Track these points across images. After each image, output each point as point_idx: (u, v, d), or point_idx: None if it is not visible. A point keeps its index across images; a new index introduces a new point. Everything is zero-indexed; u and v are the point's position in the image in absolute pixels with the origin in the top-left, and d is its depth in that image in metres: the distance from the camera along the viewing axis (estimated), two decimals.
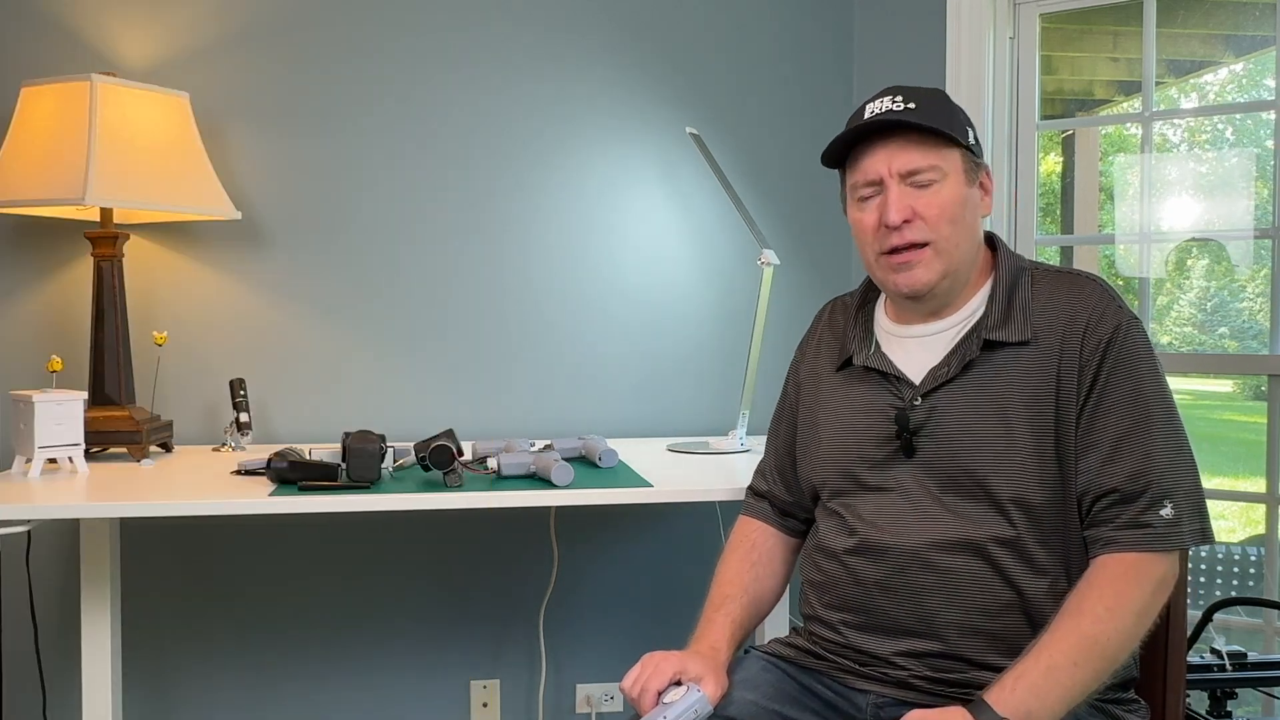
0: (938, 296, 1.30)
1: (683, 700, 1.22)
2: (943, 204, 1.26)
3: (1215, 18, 3.26)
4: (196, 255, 2.24)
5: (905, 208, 1.26)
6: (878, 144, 1.28)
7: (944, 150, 1.27)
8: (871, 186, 1.30)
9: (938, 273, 1.27)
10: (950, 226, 1.27)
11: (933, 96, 1.29)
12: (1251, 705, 1.91)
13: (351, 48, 2.28)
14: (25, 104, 1.93)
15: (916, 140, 1.26)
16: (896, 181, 1.27)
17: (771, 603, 1.45)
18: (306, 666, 2.30)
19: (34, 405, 1.73)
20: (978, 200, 1.31)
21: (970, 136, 1.30)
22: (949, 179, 1.27)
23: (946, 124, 1.27)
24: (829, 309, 1.51)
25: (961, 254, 1.28)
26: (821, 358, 1.45)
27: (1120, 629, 1.15)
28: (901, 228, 1.26)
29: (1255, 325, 4.73)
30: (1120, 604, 1.16)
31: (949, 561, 1.23)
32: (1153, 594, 1.18)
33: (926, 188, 1.26)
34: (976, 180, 1.31)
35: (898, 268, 1.28)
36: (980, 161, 1.32)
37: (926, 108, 1.27)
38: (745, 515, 1.52)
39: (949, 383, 1.27)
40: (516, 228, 2.36)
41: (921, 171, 1.26)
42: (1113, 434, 1.21)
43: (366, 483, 1.67)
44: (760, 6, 2.45)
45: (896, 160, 1.27)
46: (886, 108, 1.28)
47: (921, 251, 1.27)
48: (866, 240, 1.32)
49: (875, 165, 1.28)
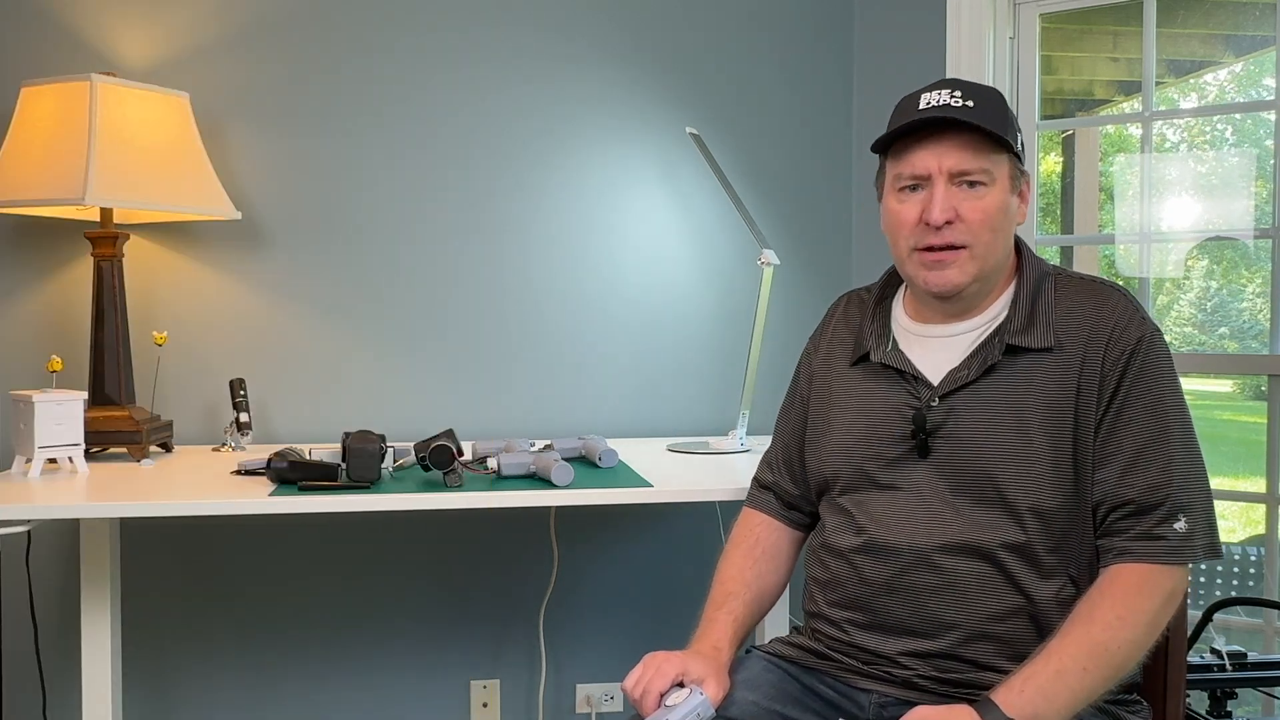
0: (964, 299, 1.29)
1: (685, 703, 1.21)
2: (987, 209, 1.24)
3: (1215, 18, 3.26)
4: (196, 255, 2.24)
5: (950, 208, 1.24)
6: (931, 137, 1.25)
7: (996, 155, 1.25)
8: (917, 179, 1.27)
9: (970, 276, 1.26)
10: (990, 234, 1.25)
11: (991, 96, 1.27)
12: (1251, 705, 1.91)
13: (352, 48, 2.28)
14: (25, 104, 1.93)
15: (971, 140, 1.24)
16: (945, 180, 1.24)
17: (774, 598, 1.44)
18: (306, 666, 2.30)
19: (34, 405, 1.73)
20: (1015, 208, 1.29)
21: (1019, 143, 1.28)
22: (996, 184, 1.25)
23: (1003, 127, 1.24)
24: (844, 302, 1.49)
25: (996, 260, 1.27)
26: (835, 351, 1.43)
27: (1130, 638, 1.15)
28: (943, 228, 1.24)
29: (1255, 325, 4.74)
30: (1131, 613, 1.16)
31: (955, 564, 1.23)
32: (1163, 605, 1.18)
33: (973, 189, 1.24)
34: (1018, 188, 1.29)
35: (931, 265, 1.26)
36: (1024, 170, 1.30)
37: (985, 107, 1.24)
38: (749, 508, 1.51)
39: (968, 385, 1.26)
40: (516, 228, 2.36)
41: (972, 174, 1.24)
42: (1132, 445, 1.20)
43: (366, 483, 1.67)
44: (760, 7, 2.45)
45: (949, 159, 1.24)
46: (944, 101, 1.24)
47: (958, 253, 1.25)
48: (902, 233, 1.29)
49: (925, 160, 1.25)
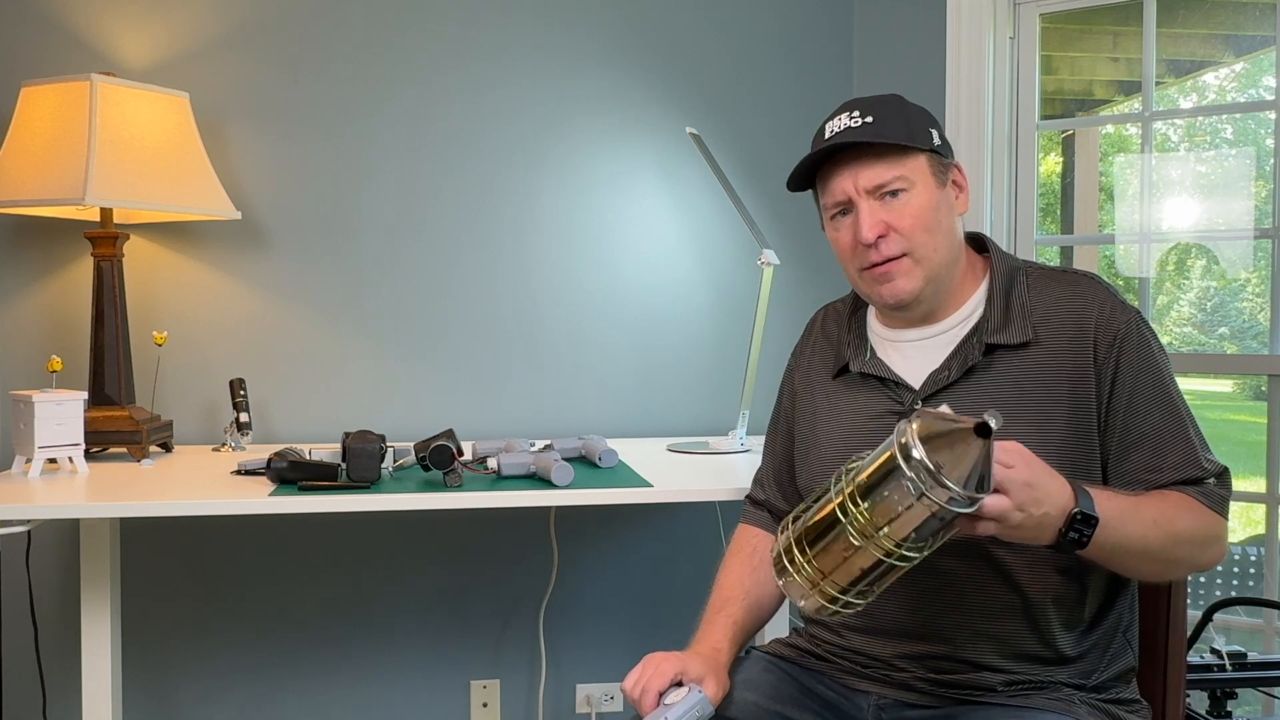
0: (923, 303, 1.29)
1: (684, 701, 1.21)
2: (915, 213, 1.25)
3: (1215, 18, 3.26)
4: (196, 255, 2.24)
5: (878, 223, 1.25)
6: (841, 162, 1.27)
7: (907, 159, 1.26)
8: (842, 205, 1.29)
9: (919, 280, 1.26)
10: (926, 234, 1.26)
11: (889, 104, 1.28)
12: (1251, 705, 1.91)
13: (352, 47, 2.28)
14: (25, 104, 1.93)
15: (878, 154, 1.25)
16: (865, 198, 1.26)
17: (772, 608, 1.45)
18: (307, 666, 2.30)
19: (34, 405, 1.74)
20: (951, 200, 1.30)
21: (935, 138, 1.29)
22: (917, 186, 1.26)
23: (904, 134, 1.25)
24: (821, 316, 1.50)
25: (941, 258, 1.27)
26: (816, 365, 1.44)
27: (1190, 531, 1.17)
28: (877, 243, 1.25)
29: (1255, 325, 4.73)
30: (1193, 518, 1.18)
31: (949, 564, 1.22)
32: (1209, 541, 1.20)
33: (896, 198, 1.25)
34: (947, 180, 1.30)
35: (880, 279, 1.27)
36: (949, 160, 1.30)
37: (883, 119, 1.26)
38: (744, 523, 1.51)
39: (949, 386, 1.26)
40: (516, 227, 2.36)
41: (888, 184, 1.25)
42: (1154, 430, 1.22)
43: (366, 483, 1.67)
44: (761, 6, 2.45)
45: (861, 177, 1.26)
46: (844, 125, 1.27)
47: (900, 262, 1.26)
48: (846, 258, 1.32)
49: (842, 185, 1.27)
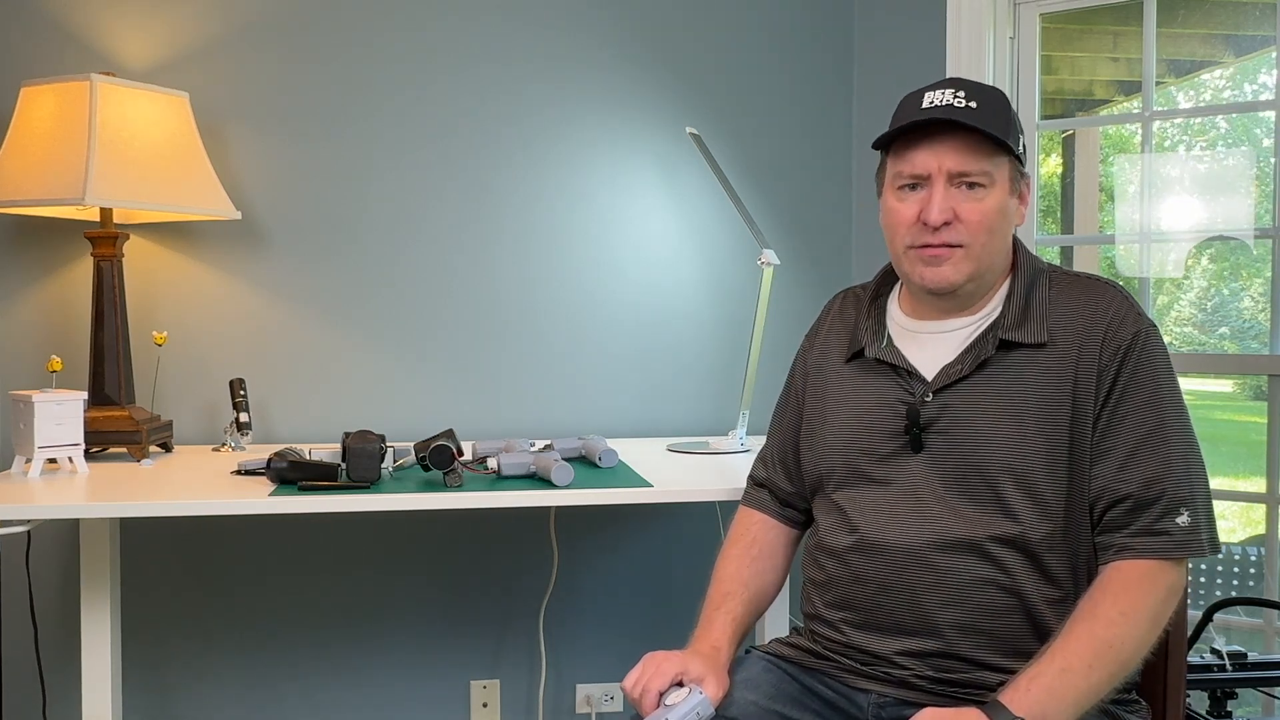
0: (960, 297, 1.29)
1: (685, 702, 1.21)
2: (985, 212, 1.24)
3: (1215, 18, 3.26)
4: (196, 255, 2.24)
5: (948, 209, 1.23)
6: (932, 137, 1.24)
7: (996, 157, 1.25)
8: (916, 179, 1.26)
9: (965, 275, 1.26)
10: (988, 235, 1.25)
11: (995, 97, 1.26)
12: (1251, 705, 1.91)
13: (352, 48, 2.28)
14: (25, 104, 1.93)
15: (972, 142, 1.23)
16: (944, 181, 1.24)
17: (772, 597, 1.44)
18: (306, 666, 2.30)
19: (34, 405, 1.73)
20: (1014, 210, 1.29)
21: (1020, 145, 1.28)
22: (996, 187, 1.25)
23: (1005, 130, 1.24)
24: (839, 299, 1.49)
25: (992, 261, 1.27)
26: (830, 347, 1.43)
27: (1134, 634, 1.15)
28: (940, 229, 1.24)
29: (1255, 325, 4.73)
30: (1135, 609, 1.16)
31: (948, 561, 1.23)
32: (1165, 600, 1.18)
33: (972, 191, 1.24)
34: (1018, 190, 1.29)
35: (928, 261, 1.26)
36: (1025, 172, 1.30)
37: (987, 109, 1.24)
38: (745, 506, 1.51)
39: (962, 380, 1.26)
40: (516, 227, 2.36)
41: (971, 175, 1.23)
42: (1129, 440, 1.20)
43: (366, 483, 1.67)
44: (761, 7, 2.45)
45: (949, 159, 1.23)
46: (948, 101, 1.24)
47: (954, 251, 1.25)
48: (899, 231, 1.29)
49: (925, 160, 1.25)
